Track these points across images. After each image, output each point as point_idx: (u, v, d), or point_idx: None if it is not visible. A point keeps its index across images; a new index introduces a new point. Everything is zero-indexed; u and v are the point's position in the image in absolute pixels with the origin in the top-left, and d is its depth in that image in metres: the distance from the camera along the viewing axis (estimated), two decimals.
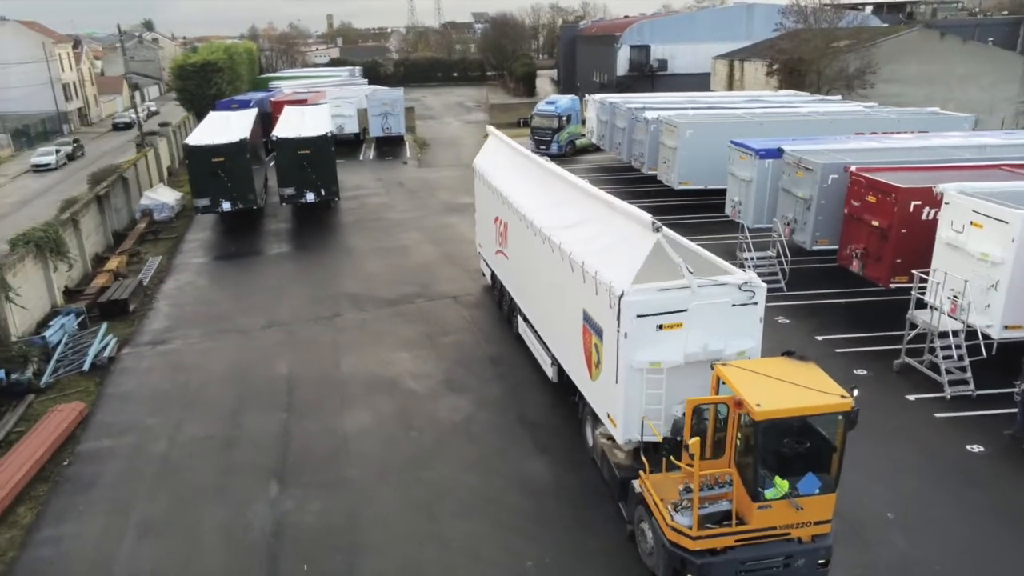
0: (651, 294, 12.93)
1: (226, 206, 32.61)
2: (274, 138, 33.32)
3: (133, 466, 16.13)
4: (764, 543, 10.97)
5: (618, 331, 12.98)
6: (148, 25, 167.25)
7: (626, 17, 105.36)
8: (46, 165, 52.79)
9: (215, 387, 19.58)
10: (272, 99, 53.41)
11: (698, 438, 10.53)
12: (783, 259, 24.80)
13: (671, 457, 11.27)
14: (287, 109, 42.80)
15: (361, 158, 53.45)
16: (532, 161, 21.47)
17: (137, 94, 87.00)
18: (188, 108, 65.87)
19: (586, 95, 52.19)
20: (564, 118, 50.24)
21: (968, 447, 15.71)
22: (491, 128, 27.49)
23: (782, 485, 10.76)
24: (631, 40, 76.45)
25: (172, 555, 13.30)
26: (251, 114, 39.77)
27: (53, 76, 72.44)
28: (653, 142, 36.80)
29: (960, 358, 17.79)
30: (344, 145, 57.15)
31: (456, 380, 19.36)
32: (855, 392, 11.04)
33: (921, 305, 18.76)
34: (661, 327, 12.98)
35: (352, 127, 55.04)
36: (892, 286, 21.23)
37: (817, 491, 10.90)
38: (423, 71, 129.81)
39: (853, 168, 22.72)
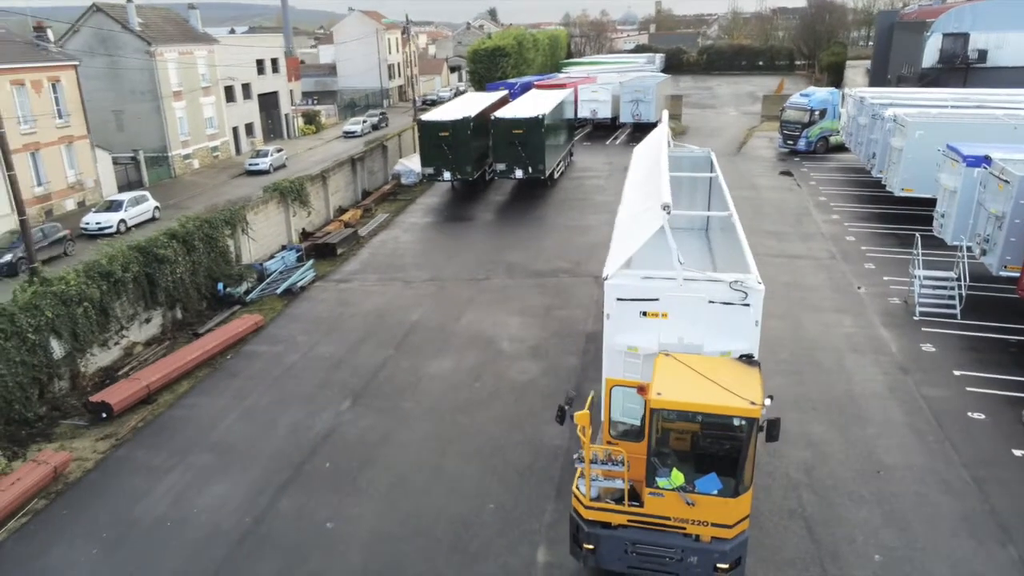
0: (634, 280, 13.32)
1: (447, 175, 37.00)
2: (492, 118, 36.75)
3: (267, 368, 20.48)
4: (658, 531, 11.11)
5: (604, 312, 13.60)
6: (492, 13, 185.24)
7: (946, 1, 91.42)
8: (353, 132, 63.32)
9: (357, 320, 23.46)
10: (535, 83, 57.57)
11: (587, 412, 11.07)
12: (963, 283, 21.74)
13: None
14: (531, 92, 46.25)
15: (608, 142, 55.28)
16: (655, 150, 21.77)
17: (454, 75, 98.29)
18: (477, 88, 73.20)
19: (845, 89, 47.79)
20: (817, 112, 46.73)
21: None
22: (664, 115, 27.76)
23: (677, 477, 10.83)
24: (945, 27, 66.89)
25: (250, 433, 17.12)
26: (495, 96, 43.89)
27: (380, 58, 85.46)
28: (885, 142, 33.31)
29: None
30: (601, 129, 59.79)
31: (542, 348, 20.82)
32: (767, 401, 10.61)
33: None
34: (645, 314, 13.30)
35: (605, 112, 57.10)
36: None
37: (715, 492, 10.76)
38: (727, 59, 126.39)
39: None
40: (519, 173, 36.80)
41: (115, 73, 46.80)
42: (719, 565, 10.97)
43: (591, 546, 11.41)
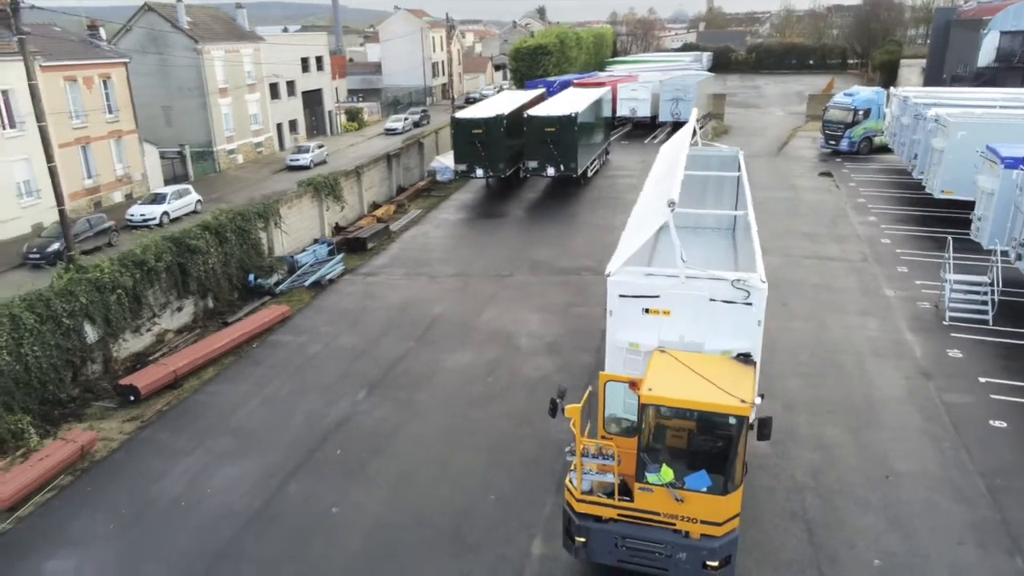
0: (636, 276, 13.37)
1: (479, 172, 37.30)
2: (525, 116, 36.88)
3: (290, 357, 21.03)
4: (648, 526, 11.14)
5: (606, 308, 13.67)
6: (541, 12, 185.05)
7: None
8: (394, 129, 64.16)
9: (381, 313, 23.89)
10: (575, 81, 57.55)
11: (578, 406, 11.16)
12: (995, 288, 21.12)
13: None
14: (568, 90, 46.26)
15: (646, 141, 54.89)
16: (678, 147, 21.65)
17: (499, 74, 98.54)
18: (519, 86, 73.41)
19: (891, 89, 46.61)
20: (862, 112, 45.64)
21: None
22: (694, 113, 27.58)
23: (666, 473, 10.86)
24: (1003, 24, 64.59)
25: (268, 419, 17.64)
26: (531, 94, 44.02)
27: (424, 56, 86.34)
28: (927, 143, 32.45)
29: None
30: (640, 128, 59.40)
31: (559, 345, 20.91)
32: (758, 400, 10.56)
33: None
34: (647, 311, 13.33)
35: (644, 111, 56.74)
36: None
37: (704, 489, 10.75)
38: (777, 57, 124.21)
39: None
40: (551, 171, 36.88)
41: (165, 70, 48.36)
42: (708, 562, 10.96)
43: (582, 539, 11.51)
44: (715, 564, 10.97)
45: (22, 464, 15.32)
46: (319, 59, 66.18)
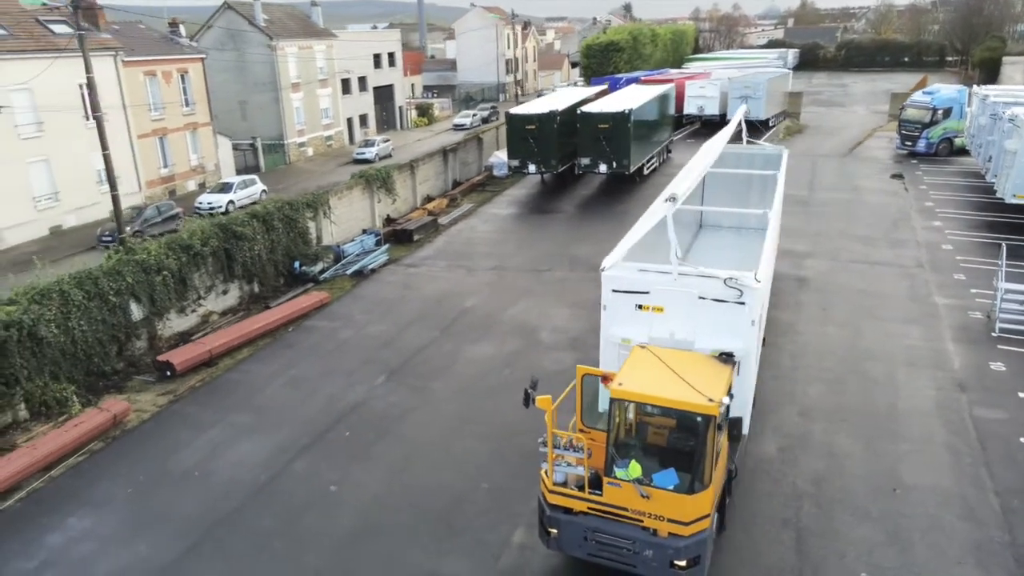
0: (629, 272, 13.33)
1: (531, 168, 37.46)
2: (578, 112, 36.76)
3: (321, 342, 21.81)
4: (617, 521, 11.10)
5: (601, 303, 13.67)
6: (627, 8, 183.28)
7: None
8: (463, 125, 64.98)
9: (415, 303, 24.43)
10: (642, 78, 56.86)
11: (549, 396, 11.22)
12: None
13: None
14: (630, 87, 45.81)
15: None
16: (711, 146, 21.26)
17: (576, 70, 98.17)
18: (588, 83, 73.10)
19: (974, 88, 43.94)
20: (941, 111, 43.30)
21: None
22: (741, 110, 26.93)
23: (634, 469, 10.79)
24: None
25: (288, 399, 18.40)
26: (592, 90, 43.88)
27: (498, 53, 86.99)
28: (1001, 144, 30.59)
29: None
30: (708, 127, 58.08)
31: (582, 340, 20.85)
32: (726, 400, 10.37)
33: None
34: (640, 307, 13.25)
35: (712, 109, 55.56)
36: None
37: (671, 487, 10.64)
38: (868, 55, 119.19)
39: None
40: (603, 167, 36.64)
41: (241, 66, 50.60)
42: (676, 561, 10.83)
43: (554, 530, 11.57)
44: (682, 564, 10.83)
45: (58, 428, 16.54)
46: (391, 55, 67.73)
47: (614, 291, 13.33)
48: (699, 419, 10.44)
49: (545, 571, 12.27)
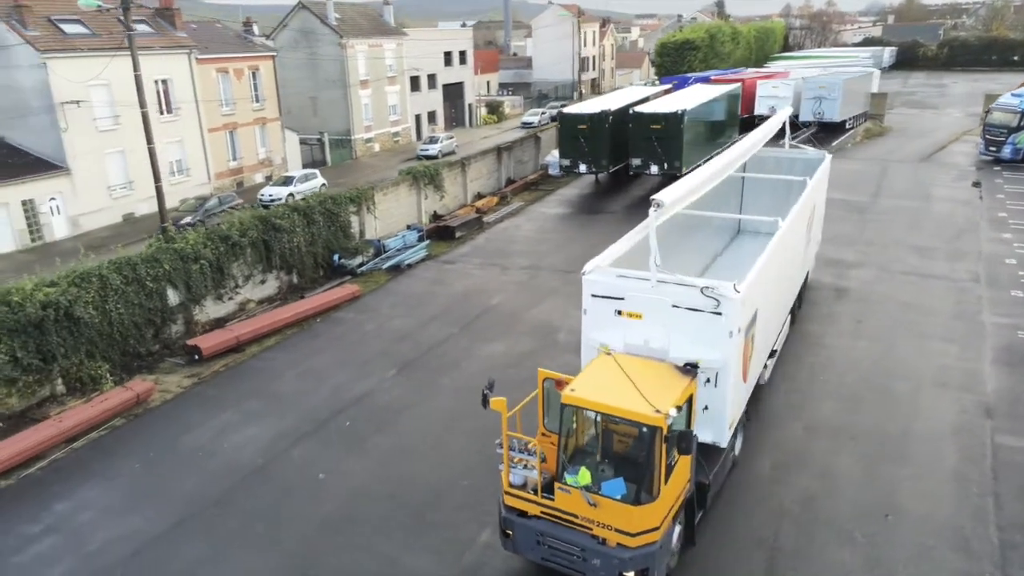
0: (608, 277, 13.18)
1: (582, 168, 37.25)
2: (631, 112, 36.28)
3: (345, 333, 22.47)
4: (567, 527, 11.02)
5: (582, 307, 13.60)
6: (719, 5, 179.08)
7: None
8: (530, 123, 65.06)
9: (440, 299, 24.79)
10: (712, 77, 55.52)
11: (504, 399, 11.22)
12: None
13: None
14: (693, 86, 44.85)
15: (781, 141, 51.79)
16: (741, 148, 20.65)
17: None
18: (660, 82, 71.88)
19: None
20: None
21: None
22: (785, 111, 26.00)
23: (583, 476, 10.71)
24: None
25: (301, 388, 19.07)
26: (655, 90, 43.22)
27: (574, 51, 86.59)
28: None
29: None
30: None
31: None
32: (672, 412, 10.13)
33: None
34: (620, 313, 13.07)
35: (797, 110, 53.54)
36: None
37: (618, 497, 10.49)
38: (974, 53, 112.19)
39: None
40: (654, 169, 36.07)
41: (314, 63, 52.38)
42: (623, 572, 10.69)
43: (509, 532, 11.62)
44: (630, 575, 10.68)
45: (85, 404, 17.70)
46: (462, 53, 68.52)
47: (593, 296, 13.19)
48: (644, 429, 10.25)
49: (504, 572, 12.31)
